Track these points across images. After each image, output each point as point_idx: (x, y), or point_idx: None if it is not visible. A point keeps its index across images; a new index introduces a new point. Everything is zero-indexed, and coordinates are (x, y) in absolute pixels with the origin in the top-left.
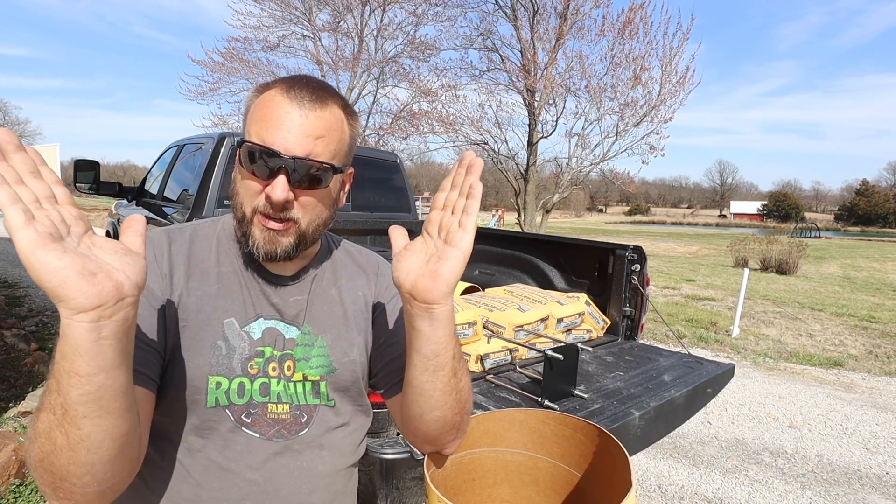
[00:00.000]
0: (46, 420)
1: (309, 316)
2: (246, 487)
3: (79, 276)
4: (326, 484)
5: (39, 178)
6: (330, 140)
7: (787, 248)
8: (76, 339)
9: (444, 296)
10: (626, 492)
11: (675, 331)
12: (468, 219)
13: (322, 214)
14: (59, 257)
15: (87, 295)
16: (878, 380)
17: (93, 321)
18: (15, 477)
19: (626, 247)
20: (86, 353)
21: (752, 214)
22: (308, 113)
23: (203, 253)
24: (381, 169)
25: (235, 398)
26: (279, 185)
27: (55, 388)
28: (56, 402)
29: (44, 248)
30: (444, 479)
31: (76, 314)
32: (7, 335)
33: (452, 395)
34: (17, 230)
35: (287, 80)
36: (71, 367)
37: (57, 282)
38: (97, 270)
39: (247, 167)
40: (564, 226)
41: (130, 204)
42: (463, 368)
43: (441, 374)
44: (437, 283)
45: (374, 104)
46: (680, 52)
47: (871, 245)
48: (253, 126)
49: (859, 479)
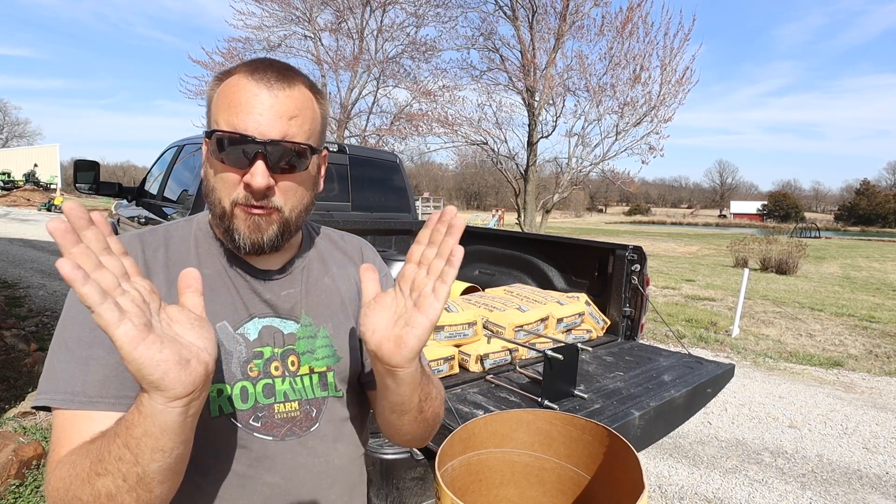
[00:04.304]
0: (113, 485)
1: (307, 307)
2: (267, 491)
3: (178, 367)
4: (344, 476)
5: (111, 254)
6: (304, 119)
7: (786, 248)
8: (167, 421)
9: (408, 361)
10: (638, 494)
11: (675, 331)
12: (442, 287)
13: (303, 199)
14: (160, 350)
15: (185, 384)
16: (878, 380)
17: (185, 405)
18: (15, 477)
19: (626, 247)
20: (174, 432)
21: (752, 214)
22: (277, 93)
23: (181, 256)
24: (381, 169)
25: (239, 403)
26: (258, 171)
27: (132, 459)
28: (131, 471)
29: (144, 342)
30: (452, 480)
31: (172, 401)
32: (7, 335)
33: (420, 425)
34: (114, 328)
35: (250, 64)
36: (156, 445)
37: (159, 375)
38: (190, 357)
39: (220, 157)
40: (564, 226)
41: (130, 204)
42: (430, 402)
43: (407, 416)
44: (402, 350)
45: (374, 104)
46: (681, 52)
47: (871, 245)
48: (220, 114)
49: (859, 479)
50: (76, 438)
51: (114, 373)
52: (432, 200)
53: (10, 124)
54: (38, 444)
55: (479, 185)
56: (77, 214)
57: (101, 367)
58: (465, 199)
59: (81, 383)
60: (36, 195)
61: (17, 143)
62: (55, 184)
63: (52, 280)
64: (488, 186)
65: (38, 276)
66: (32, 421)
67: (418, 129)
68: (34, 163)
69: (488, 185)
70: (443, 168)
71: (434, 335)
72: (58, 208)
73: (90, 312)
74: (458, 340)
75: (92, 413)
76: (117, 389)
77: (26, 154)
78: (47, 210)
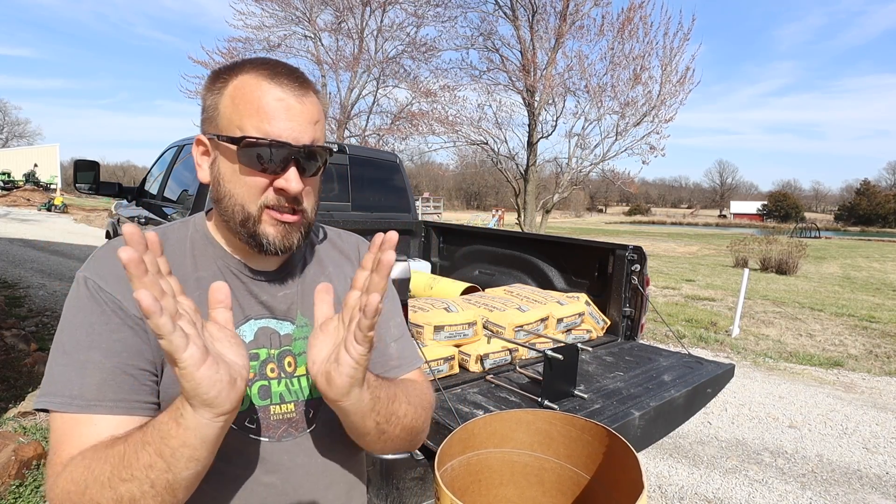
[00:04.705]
0: (139, 491)
1: (304, 308)
2: (264, 492)
3: (229, 387)
4: (342, 476)
5: (164, 277)
6: (322, 123)
7: (786, 248)
8: (208, 434)
9: (343, 395)
10: (637, 494)
11: (675, 331)
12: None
13: (317, 200)
14: (217, 370)
15: (232, 401)
16: (878, 380)
17: (227, 420)
18: (15, 477)
19: (626, 247)
20: (212, 444)
21: (752, 214)
22: (302, 99)
23: (177, 259)
24: (381, 169)
25: None
26: (293, 176)
27: (164, 467)
28: (161, 478)
29: (205, 364)
30: (452, 480)
31: (218, 417)
32: (7, 335)
33: (386, 443)
34: (181, 352)
35: (262, 66)
36: (193, 455)
37: (214, 393)
38: (237, 376)
39: (252, 163)
40: (564, 226)
41: (130, 204)
42: (395, 422)
43: (367, 437)
44: (332, 387)
45: (374, 104)
46: (680, 52)
47: (871, 245)
48: (246, 119)
49: (859, 479)
50: (78, 441)
51: (110, 376)
52: (432, 200)
53: (10, 124)
54: (38, 444)
55: (479, 185)
56: (138, 240)
57: (98, 370)
58: (465, 199)
59: (79, 387)
60: (36, 195)
61: (17, 143)
62: (55, 184)
63: (52, 280)
64: (488, 186)
65: (38, 276)
66: (32, 421)
67: (418, 129)
68: (34, 163)
69: (488, 185)
70: (443, 168)
71: (434, 335)
72: (58, 208)
73: (134, 327)
74: (458, 340)
75: (92, 416)
76: (115, 393)
77: (26, 154)
78: (47, 210)
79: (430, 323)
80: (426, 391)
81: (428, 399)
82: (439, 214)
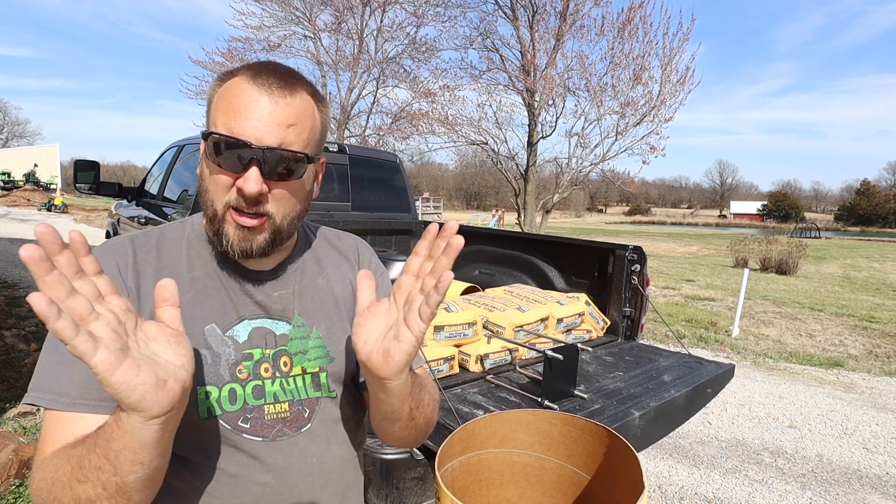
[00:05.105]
0: (94, 492)
1: (300, 308)
2: (259, 491)
3: (155, 389)
4: (337, 477)
5: (84, 277)
6: (302, 128)
7: (786, 249)
8: (145, 437)
9: (396, 374)
10: (638, 494)
11: (675, 331)
12: (426, 310)
13: (296, 207)
14: (136, 373)
15: (161, 405)
16: (878, 380)
17: (162, 423)
18: (15, 477)
19: (626, 247)
20: (152, 447)
21: (752, 214)
22: (278, 100)
23: (172, 259)
24: (381, 169)
25: (227, 405)
26: (251, 177)
27: (111, 470)
28: (111, 481)
29: (120, 368)
30: (452, 480)
31: (149, 420)
32: (7, 335)
33: (411, 431)
34: (90, 357)
35: (252, 67)
36: (135, 458)
37: (137, 398)
38: (167, 377)
39: (215, 160)
40: (564, 226)
41: (130, 204)
42: (421, 410)
43: (398, 424)
44: (390, 363)
45: (374, 104)
46: (680, 52)
47: (871, 245)
48: (219, 116)
49: (859, 479)
50: (60, 439)
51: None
52: (432, 200)
53: (10, 124)
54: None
55: (479, 185)
56: (49, 239)
57: (84, 369)
58: (465, 199)
59: (66, 384)
60: (36, 195)
61: (17, 143)
62: (55, 184)
63: None
64: (488, 186)
65: None
66: (32, 421)
67: (418, 129)
68: (34, 163)
69: (488, 185)
70: (443, 168)
71: (434, 335)
72: (58, 208)
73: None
74: (458, 340)
75: (73, 414)
76: (99, 392)
77: (26, 154)
78: (47, 210)
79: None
80: (434, 387)
81: (437, 394)
82: (439, 214)
